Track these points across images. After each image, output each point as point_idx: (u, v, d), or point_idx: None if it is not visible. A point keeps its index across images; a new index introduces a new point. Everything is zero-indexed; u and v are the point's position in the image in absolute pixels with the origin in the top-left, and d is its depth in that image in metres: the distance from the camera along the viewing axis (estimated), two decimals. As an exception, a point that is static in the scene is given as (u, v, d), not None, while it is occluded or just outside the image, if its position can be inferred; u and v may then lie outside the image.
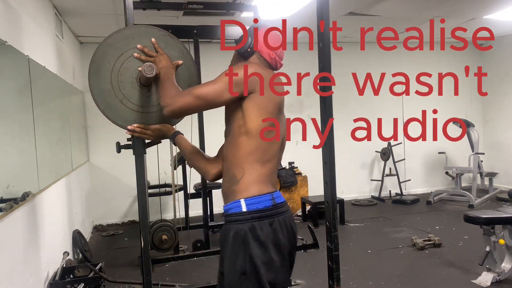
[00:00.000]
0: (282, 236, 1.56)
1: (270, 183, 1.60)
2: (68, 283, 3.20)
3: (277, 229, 1.55)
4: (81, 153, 5.20)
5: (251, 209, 1.52)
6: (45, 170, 3.25)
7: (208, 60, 5.91)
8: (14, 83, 2.69)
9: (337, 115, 2.28)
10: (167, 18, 4.58)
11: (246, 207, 1.53)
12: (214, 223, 5.00)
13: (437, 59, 7.05)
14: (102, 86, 1.83)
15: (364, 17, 4.98)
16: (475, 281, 3.36)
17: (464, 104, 7.28)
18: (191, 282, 3.59)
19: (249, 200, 1.53)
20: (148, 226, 3.19)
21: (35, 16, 3.40)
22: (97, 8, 4.22)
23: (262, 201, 1.54)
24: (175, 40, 1.91)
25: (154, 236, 3.89)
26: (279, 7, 4.37)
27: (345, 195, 6.34)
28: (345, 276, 3.56)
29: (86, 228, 5.18)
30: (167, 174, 5.57)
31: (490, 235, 3.31)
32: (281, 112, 1.69)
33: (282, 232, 1.56)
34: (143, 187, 2.04)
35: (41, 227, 3.07)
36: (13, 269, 2.43)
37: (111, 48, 1.82)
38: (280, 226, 1.56)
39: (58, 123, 3.90)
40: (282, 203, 1.60)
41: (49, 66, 3.63)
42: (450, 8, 4.78)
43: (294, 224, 1.66)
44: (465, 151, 6.72)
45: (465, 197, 6.00)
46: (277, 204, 1.57)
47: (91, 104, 2.05)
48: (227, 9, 3.56)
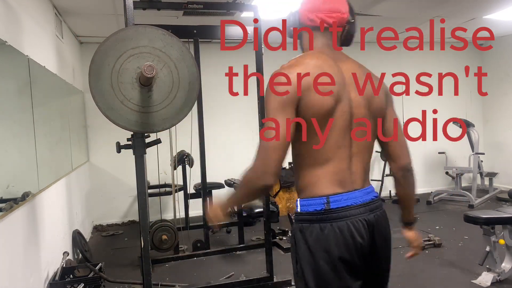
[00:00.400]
0: (336, 245, 1.38)
1: (330, 184, 1.43)
2: (68, 283, 3.20)
3: (330, 236, 1.38)
4: (81, 153, 5.20)
5: (303, 211, 1.45)
6: (45, 170, 3.25)
7: (208, 60, 5.91)
8: (14, 83, 2.69)
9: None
10: (167, 18, 4.58)
11: (300, 208, 1.46)
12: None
13: (437, 59, 7.05)
14: (102, 87, 1.84)
15: (364, 17, 4.97)
16: (475, 281, 3.35)
17: (464, 104, 7.27)
18: (191, 282, 3.59)
19: (302, 201, 1.46)
20: (148, 226, 3.19)
21: (35, 16, 3.40)
22: (97, 8, 4.22)
23: (312, 204, 1.42)
24: (175, 39, 1.91)
25: (154, 236, 3.89)
26: (279, 7, 4.37)
27: (345, 195, 6.33)
28: (345, 276, 3.55)
29: (86, 228, 5.18)
30: (167, 174, 5.56)
31: (490, 235, 3.31)
32: None
33: (336, 240, 1.38)
34: (143, 187, 2.04)
35: (41, 227, 3.07)
36: (13, 269, 2.43)
37: (110, 50, 1.83)
38: (334, 233, 1.38)
39: (58, 123, 3.90)
40: (341, 208, 1.41)
41: (49, 66, 3.63)
42: (450, 8, 4.78)
43: (363, 234, 1.41)
44: (465, 151, 6.71)
45: (465, 197, 6.00)
46: (331, 209, 1.40)
47: (91, 104, 2.05)
48: (227, 9, 3.56)
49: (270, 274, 3.45)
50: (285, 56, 1.80)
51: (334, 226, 1.39)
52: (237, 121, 6.34)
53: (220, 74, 6.07)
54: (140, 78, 1.84)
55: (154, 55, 1.90)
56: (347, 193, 1.43)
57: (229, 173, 5.78)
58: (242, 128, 6.34)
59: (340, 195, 1.42)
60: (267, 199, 3.44)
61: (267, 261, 3.46)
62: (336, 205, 1.41)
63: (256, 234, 5.02)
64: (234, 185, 1.36)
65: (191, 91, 2.01)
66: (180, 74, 1.92)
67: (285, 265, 3.95)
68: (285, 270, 3.79)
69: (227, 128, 6.30)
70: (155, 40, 1.87)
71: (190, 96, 2.02)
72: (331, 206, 1.40)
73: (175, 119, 2.02)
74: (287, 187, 5.98)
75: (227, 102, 6.20)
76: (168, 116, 2.00)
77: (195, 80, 1.98)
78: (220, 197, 1.53)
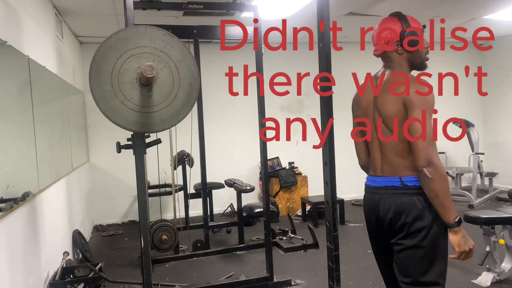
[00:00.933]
0: (366, 209, 1.98)
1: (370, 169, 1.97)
2: (68, 283, 3.20)
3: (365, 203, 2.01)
4: (81, 153, 5.20)
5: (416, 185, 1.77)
6: (45, 170, 3.25)
7: (208, 60, 5.92)
8: (14, 83, 2.69)
9: (337, 115, 2.28)
10: (167, 18, 4.58)
11: (413, 183, 1.77)
12: (214, 223, 5.00)
13: (437, 59, 7.04)
14: (102, 87, 1.84)
15: (364, 17, 4.98)
16: (475, 281, 3.36)
17: (464, 104, 7.28)
18: (191, 282, 3.59)
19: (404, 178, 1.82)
20: (148, 226, 3.19)
21: (35, 16, 3.40)
22: (97, 8, 4.22)
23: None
24: (176, 39, 1.91)
25: (154, 236, 3.89)
26: (279, 7, 4.37)
27: (345, 195, 6.34)
28: (345, 276, 3.56)
29: (86, 228, 5.18)
30: (167, 174, 5.57)
31: (490, 235, 3.31)
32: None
33: (366, 206, 1.99)
34: (143, 187, 2.04)
35: (41, 227, 3.07)
36: (13, 269, 2.43)
37: (110, 50, 1.83)
38: (365, 201, 2.00)
39: (58, 123, 3.90)
40: (368, 185, 1.96)
41: (49, 66, 3.63)
42: (450, 8, 4.79)
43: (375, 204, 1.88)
44: (465, 151, 6.72)
45: (465, 197, 5.99)
46: (366, 186, 1.98)
47: (91, 104, 2.05)
48: (227, 9, 3.56)
49: (270, 274, 3.46)
50: (285, 56, 1.80)
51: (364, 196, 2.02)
52: (237, 121, 6.34)
53: (220, 74, 6.07)
54: (140, 78, 1.84)
55: (154, 55, 1.91)
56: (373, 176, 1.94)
57: (229, 173, 5.79)
58: (242, 128, 6.34)
59: (369, 177, 1.98)
60: (267, 199, 3.44)
61: (267, 261, 3.47)
62: (366, 183, 1.98)
63: (256, 234, 5.02)
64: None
65: (191, 91, 2.02)
66: (181, 75, 1.92)
67: (285, 265, 3.95)
68: (285, 270, 3.79)
69: (227, 128, 6.30)
70: (156, 40, 1.87)
71: (190, 97, 2.02)
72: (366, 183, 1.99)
73: (175, 119, 2.02)
74: (287, 187, 5.99)
75: (227, 102, 6.20)
76: (168, 116, 2.00)
77: (195, 81, 1.98)
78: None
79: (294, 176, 6.06)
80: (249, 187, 4.57)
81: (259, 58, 3.40)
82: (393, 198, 1.79)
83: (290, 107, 6.54)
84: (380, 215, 1.85)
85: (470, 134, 6.37)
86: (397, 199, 1.77)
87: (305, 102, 6.55)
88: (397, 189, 1.78)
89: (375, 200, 1.87)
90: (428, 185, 1.66)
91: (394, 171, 1.80)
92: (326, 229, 1.95)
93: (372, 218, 1.93)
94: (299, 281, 3.56)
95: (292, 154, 6.37)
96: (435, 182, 1.64)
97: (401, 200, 1.76)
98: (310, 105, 6.53)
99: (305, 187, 6.14)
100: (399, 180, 1.77)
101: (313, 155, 6.01)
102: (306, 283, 3.54)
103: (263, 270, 3.59)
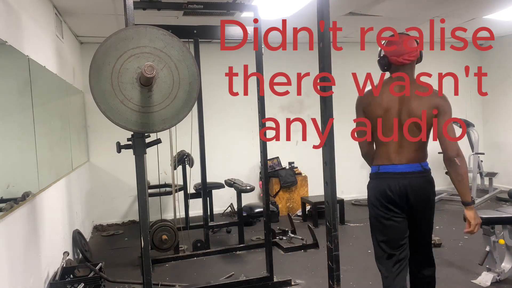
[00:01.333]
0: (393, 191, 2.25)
1: (382, 159, 2.33)
2: (68, 283, 3.20)
3: (373, 189, 2.34)
4: (81, 153, 5.20)
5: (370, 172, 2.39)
6: (45, 170, 3.25)
7: (208, 60, 5.91)
8: (14, 83, 2.69)
9: (337, 115, 2.28)
10: (167, 18, 4.58)
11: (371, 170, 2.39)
12: (214, 223, 5.00)
13: (437, 59, 7.04)
14: (102, 87, 1.84)
15: (364, 17, 4.98)
16: (475, 281, 3.36)
17: (464, 104, 7.28)
18: (191, 282, 3.59)
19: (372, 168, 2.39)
20: (148, 226, 3.19)
21: (35, 16, 3.40)
22: (97, 8, 4.22)
23: (372, 169, 2.38)
24: (176, 39, 1.91)
25: (154, 236, 3.89)
26: (279, 7, 4.37)
27: (345, 195, 6.35)
28: (345, 276, 3.56)
29: (86, 228, 5.18)
30: (167, 174, 5.57)
31: (490, 235, 3.31)
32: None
33: (390, 189, 2.26)
34: (143, 187, 2.04)
35: (41, 227, 3.07)
36: (13, 269, 2.43)
37: (110, 50, 1.83)
38: (375, 187, 2.33)
39: (58, 123, 3.90)
40: (381, 172, 2.31)
41: (49, 66, 3.63)
42: (450, 8, 4.79)
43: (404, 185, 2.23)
44: (465, 151, 6.66)
45: (465, 197, 5.99)
46: (379, 173, 2.31)
47: (91, 104, 2.05)
48: (227, 9, 3.56)
49: (270, 274, 3.46)
50: (285, 56, 1.80)
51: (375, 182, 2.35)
52: (237, 121, 6.34)
53: (220, 74, 6.07)
54: (140, 78, 1.84)
55: (154, 55, 1.91)
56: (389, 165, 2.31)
57: (229, 173, 5.79)
58: (242, 128, 6.34)
59: (383, 165, 2.32)
60: (267, 199, 3.44)
61: (267, 261, 3.47)
62: (381, 170, 2.32)
63: (256, 234, 5.02)
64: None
65: (191, 91, 2.02)
66: (181, 75, 1.92)
67: (285, 265, 3.95)
68: (285, 270, 3.79)
69: (227, 128, 6.30)
70: (156, 40, 1.87)
71: (190, 97, 2.02)
72: (380, 170, 2.32)
73: (175, 119, 2.02)
74: (287, 187, 5.99)
75: (227, 102, 6.20)
76: (168, 116, 2.00)
77: (195, 81, 1.98)
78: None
79: (294, 176, 6.06)
80: (249, 187, 4.57)
81: (259, 58, 3.40)
82: (420, 179, 2.27)
83: (290, 107, 6.54)
84: (409, 192, 2.24)
85: (470, 134, 6.37)
86: (424, 179, 2.27)
87: (305, 102, 6.55)
88: (420, 172, 2.27)
89: (403, 183, 2.24)
90: (457, 171, 2.16)
91: (414, 159, 2.27)
92: (326, 229, 1.95)
93: (395, 197, 2.25)
94: (299, 281, 3.56)
95: (292, 154, 6.37)
96: (462, 168, 2.15)
97: (426, 179, 2.28)
98: (310, 105, 6.53)
99: (305, 187, 6.14)
100: (420, 165, 2.27)
101: (313, 155, 6.01)
102: (306, 283, 3.54)
103: (263, 270, 3.59)
